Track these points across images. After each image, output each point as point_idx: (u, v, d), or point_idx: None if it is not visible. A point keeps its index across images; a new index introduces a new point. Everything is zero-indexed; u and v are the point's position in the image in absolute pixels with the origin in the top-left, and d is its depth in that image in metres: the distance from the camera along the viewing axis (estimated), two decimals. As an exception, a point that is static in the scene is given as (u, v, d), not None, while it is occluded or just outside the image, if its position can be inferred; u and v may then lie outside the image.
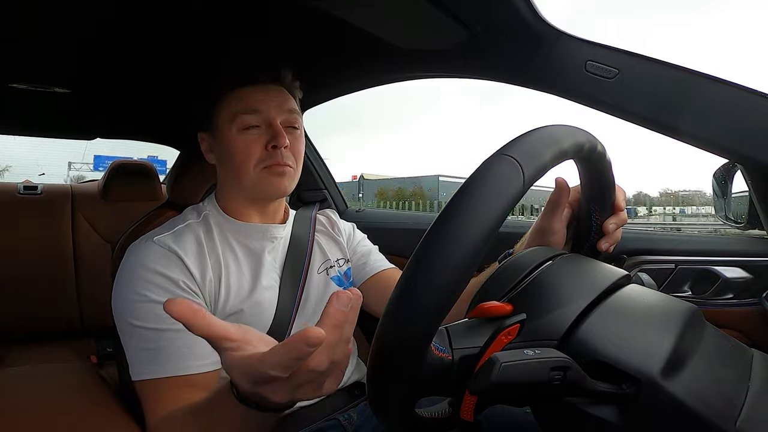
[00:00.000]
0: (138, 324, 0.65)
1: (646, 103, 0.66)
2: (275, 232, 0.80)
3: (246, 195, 0.77)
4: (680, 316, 0.37)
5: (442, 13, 0.68)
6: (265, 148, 0.72)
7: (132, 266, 0.68)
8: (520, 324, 0.37)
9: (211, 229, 0.75)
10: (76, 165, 12.86)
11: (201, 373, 0.65)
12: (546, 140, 0.38)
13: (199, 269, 0.69)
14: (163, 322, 0.64)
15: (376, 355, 0.34)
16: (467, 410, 0.36)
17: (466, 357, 0.36)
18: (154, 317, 0.64)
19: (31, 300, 1.54)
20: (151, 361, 0.64)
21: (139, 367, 0.65)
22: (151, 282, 0.66)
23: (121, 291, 0.68)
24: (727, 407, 0.32)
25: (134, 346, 0.66)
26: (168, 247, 0.69)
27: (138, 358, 0.65)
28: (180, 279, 0.67)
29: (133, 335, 0.66)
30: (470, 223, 0.32)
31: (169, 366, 0.63)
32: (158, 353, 0.64)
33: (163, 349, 0.64)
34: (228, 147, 0.74)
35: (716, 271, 0.81)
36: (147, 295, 0.65)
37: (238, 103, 0.73)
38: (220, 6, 0.78)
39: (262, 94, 0.74)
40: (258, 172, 0.73)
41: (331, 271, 0.85)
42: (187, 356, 0.64)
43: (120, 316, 0.68)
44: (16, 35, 0.85)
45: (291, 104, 0.77)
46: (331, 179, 1.48)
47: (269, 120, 0.73)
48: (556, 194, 0.57)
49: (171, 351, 0.64)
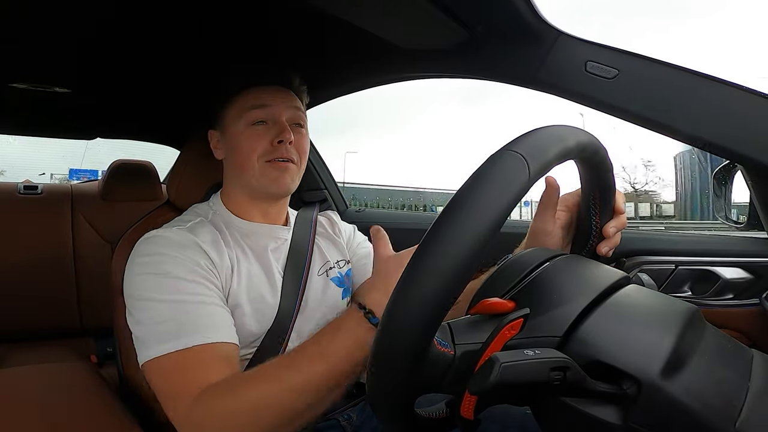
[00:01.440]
0: (157, 297, 0.63)
1: (646, 103, 0.66)
2: (279, 233, 0.82)
3: (249, 191, 0.78)
4: (680, 317, 0.37)
5: (442, 13, 0.68)
6: (270, 143, 0.74)
7: (148, 250, 0.68)
8: (523, 319, 0.37)
9: (220, 226, 0.76)
10: (57, 176, 13.09)
11: (223, 343, 0.62)
12: (551, 138, 0.38)
13: (217, 254, 0.70)
14: (183, 294, 0.64)
15: (378, 350, 0.34)
16: (467, 408, 0.36)
17: (468, 353, 0.36)
18: (174, 289, 0.64)
19: (31, 300, 1.54)
20: (171, 335, 0.61)
21: (158, 345, 0.61)
22: (170, 258, 0.66)
23: (136, 269, 0.67)
24: (727, 407, 0.32)
25: (152, 320, 0.62)
26: (185, 236, 0.69)
27: (156, 333, 0.61)
28: (199, 260, 0.67)
29: (151, 310, 0.63)
30: (476, 214, 0.32)
31: (192, 337, 0.60)
32: (179, 325, 0.61)
33: (184, 321, 0.62)
34: (235, 141, 0.76)
35: (716, 272, 0.81)
36: (167, 269, 0.65)
37: (247, 100, 0.76)
38: (219, 6, 0.78)
39: (271, 92, 0.77)
40: (261, 165, 0.74)
41: (330, 273, 0.85)
42: (207, 326, 0.62)
43: (134, 294, 0.66)
44: (16, 35, 0.85)
45: (297, 103, 0.79)
46: (331, 179, 1.48)
47: (276, 116, 0.75)
48: (546, 194, 0.58)
49: (194, 322, 0.62)
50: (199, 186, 0.93)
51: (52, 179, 11.64)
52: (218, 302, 0.67)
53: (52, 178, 12.14)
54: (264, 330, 0.73)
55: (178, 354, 0.59)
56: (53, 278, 1.58)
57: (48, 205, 1.64)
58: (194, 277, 0.65)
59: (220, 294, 0.68)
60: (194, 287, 0.65)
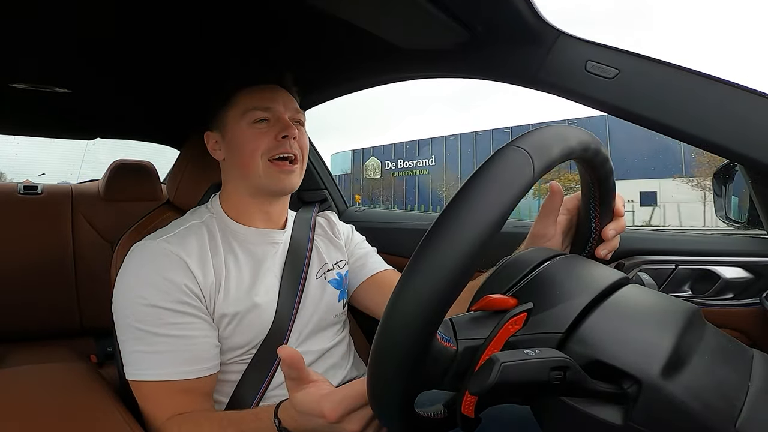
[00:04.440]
0: (138, 326, 0.66)
1: (646, 103, 0.66)
2: (276, 237, 0.81)
3: (252, 191, 0.78)
4: (680, 316, 0.37)
5: (442, 13, 0.68)
6: (274, 139, 0.75)
7: (135, 268, 0.69)
8: (526, 314, 0.37)
9: (215, 231, 0.76)
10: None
11: (198, 378, 0.66)
12: (555, 136, 0.39)
13: (201, 271, 0.70)
14: (163, 327, 0.65)
15: (380, 343, 0.34)
16: (468, 406, 0.36)
17: (470, 348, 0.37)
18: (154, 321, 0.65)
19: (30, 300, 1.54)
20: (149, 364, 0.65)
21: (136, 368, 0.66)
22: (153, 286, 0.66)
23: (123, 292, 0.68)
24: (727, 407, 0.32)
25: (132, 347, 0.67)
26: (171, 250, 0.69)
27: (135, 359, 0.66)
28: (182, 282, 0.68)
29: (132, 336, 0.66)
30: (482, 207, 0.32)
31: (166, 370, 0.65)
32: (157, 356, 0.65)
33: (161, 353, 0.65)
34: (237, 140, 0.76)
35: (716, 271, 0.81)
36: (149, 298, 0.66)
37: (247, 100, 0.76)
38: (220, 6, 0.78)
39: (271, 92, 0.78)
40: (265, 163, 0.75)
41: (328, 275, 0.85)
42: (185, 361, 0.66)
43: (120, 316, 0.68)
44: (16, 35, 0.85)
45: (295, 102, 0.81)
46: (331, 179, 1.48)
47: (278, 114, 0.76)
48: (550, 199, 0.58)
49: (169, 356, 0.65)
50: (199, 186, 0.93)
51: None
52: (198, 332, 0.68)
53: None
54: (261, 335, 0.74)
55: (151, 383, 0.65)
56: (53, 278, 1.58)
57: (48, 205, 1.64)
58: (176, 306, 0.67)
59: (203, 317, 0.69)
60: (176, 317, 0.66)
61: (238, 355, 0.73)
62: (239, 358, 0.73)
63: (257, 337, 0.73)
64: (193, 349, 0.67)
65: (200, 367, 0.67)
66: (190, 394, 0.66)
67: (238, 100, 0.77)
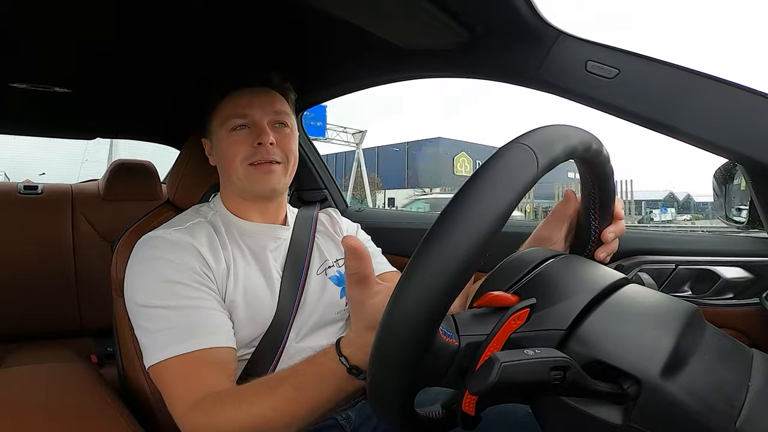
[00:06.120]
0: (156, 303, 0.66)
1: (646, 103, 0.66)
2: (279, 233, 0.83)
3: (240, 193, 0.80)
4: (680, 316, 0.37)
5: (442, 13, 0.68)
6: (252, 146, 0.76)
7: (148, 254, 0.70)
8: (529, 310, 0.37)
9: (219, 227, 0.78)
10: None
11: (224, 347, 0.66)
12: (559, 135, 0.39)
13: (213, 258, 0.72)
14: (183, 299, 0.66)
15: (382, 338, 0.33)
16: (468, 405, 0.36)
17: (473, 344, 0.36)
18: (173, 295, 0.66)
19: (31, 300, 1.54)
20: (172, 339, 0.64)
21: (159, 350, 0.64)
22: (168, 265, 0.68)
23: (136, 275, 0.70)
24: (727, 407, 0.32)
25: (153, 328, 0.66)
26: (183, 239, 0.71)
27: (155, 340, 0.65)
28: (197, 264, 0.69)
29: (151, 317, 0.67)
30: (486, 202, 0.32)
31: (191, 342, 0.64)
32: (179, 330, 0.65)
33: (183, 325, 0.65)
34: (220, 147, 0.79)
35: (716, 271, 0.81)
36: (165, 275, 0.67)
37: (227, 108, 0.78)
38: (220, 6, 0.78)
39: (248, 97, 0.78)
40: (244, 168, 0.76)
41: (329, 272, 0.86)
42: (208, 331, 0.66)
43: (134, 303, 0.69)
44: (16, 35, 0.85)
45: (278, 105, 0.80)
46: (331, 179, 1.47)
47: (256, 119, 0.77)
48: (563, 205, 0.58)
49: (191, 328, 0.65)
50: (199, 185, 0.93)
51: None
52: (216, 306, 0.69)
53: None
54: (262, 330, 0.74)
55: (177, 359, 0.63)
56: (53, 278, 1.58)
57: (48, 205, 1.64)
58: (192, 282, 0.68)
59: (217, 297, 0.70)
60: (192, 292, 0.67)
61: (239, 353, 0.73)
62: (240, 356, 0.73)
63: (258, 333, 0.74)
64: (214, 320, 0.67)
65: (224, 336, 0.67)
66: (218, 369, 0.64)
67: (219, 107, 0.79)
